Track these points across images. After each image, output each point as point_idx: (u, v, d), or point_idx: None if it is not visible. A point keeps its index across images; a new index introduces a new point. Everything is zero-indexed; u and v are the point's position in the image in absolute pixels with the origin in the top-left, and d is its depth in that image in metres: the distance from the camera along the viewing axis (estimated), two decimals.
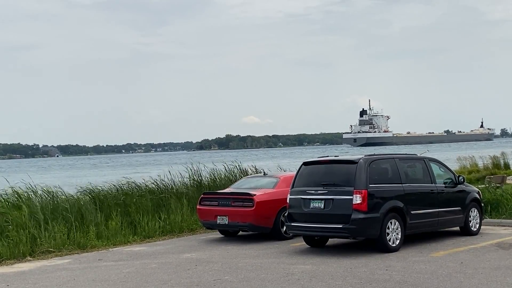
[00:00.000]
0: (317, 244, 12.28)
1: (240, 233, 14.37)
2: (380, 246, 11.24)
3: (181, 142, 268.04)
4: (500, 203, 15.46)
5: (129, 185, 16.68)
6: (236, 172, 18.82)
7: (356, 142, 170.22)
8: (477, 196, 13.52)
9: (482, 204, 13.85)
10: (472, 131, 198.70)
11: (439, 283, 8.52)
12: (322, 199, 11.39)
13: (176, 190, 17.17)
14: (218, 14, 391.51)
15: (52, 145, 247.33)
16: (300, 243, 12.54)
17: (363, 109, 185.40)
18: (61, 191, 15.15)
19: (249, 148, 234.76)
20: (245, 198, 13.26)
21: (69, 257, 12.21)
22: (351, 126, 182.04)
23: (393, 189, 11.55)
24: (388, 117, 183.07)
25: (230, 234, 14.40)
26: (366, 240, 11.95)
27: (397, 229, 11.39)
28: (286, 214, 12.36)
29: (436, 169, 12.93)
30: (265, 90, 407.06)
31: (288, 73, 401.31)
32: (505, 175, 23.09)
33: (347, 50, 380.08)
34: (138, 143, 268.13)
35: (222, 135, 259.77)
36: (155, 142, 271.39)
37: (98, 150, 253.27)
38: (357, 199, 10.98)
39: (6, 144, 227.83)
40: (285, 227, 12.89)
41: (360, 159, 11.49)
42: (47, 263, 11.65)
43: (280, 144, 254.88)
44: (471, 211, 13.16)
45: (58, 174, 69.36)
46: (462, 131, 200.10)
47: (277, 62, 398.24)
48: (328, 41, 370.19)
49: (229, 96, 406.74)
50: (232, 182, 17.09)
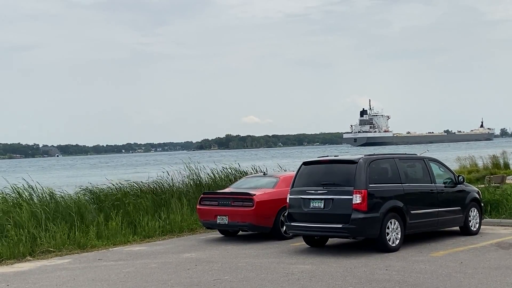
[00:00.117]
0: (317, 244, 12.28)
1: (240, 233, 14.37)
2: (380, 246, 11.24)
3: (181, 142, 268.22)
4: (500, 203, 15.47)
5: (129, 185, 16.71)
6: (232, 174, 18.67)
7: (356, 142, 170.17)
8: (477, 196, 13.52)
9: (482, 204, 13.86)
10: (472, 131, 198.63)
11: (439, 283, 8.52)
12: (322, 199, 11.39)
13: (176, 189, 17.18)
14: (218, 14, 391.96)
15: (52, 145, 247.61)
16: (300, 243, 12.54)
17: (363, 109, 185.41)
18: (61, 191, 15.17)
19: (249, 148, 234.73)
20: (245, 198, 13.26)
21: (69, 257, 12.21)
22: (352, 126, 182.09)
23: (393, 189, 11.55)
24: (388, 117, 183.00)
25: (230, 234, 14.40)
26: (366, 240, 11.96)
27: (397, 229, 11.40)
28: (286, 214, 12.36)
29: (436, 169, 12.93)
30: (265, 90, 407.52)
31: (288, 73, 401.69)
32: (504, 174, 23.10)
33: (347, 50, 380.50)
34: (138, 143, 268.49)
35: (222, 135, 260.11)
36: (155, 142, 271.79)
37: (98, 150, 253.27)
38: (357, 199, 10.98)
39: (6, 144, 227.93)
40: (285, 227, 12.89)
41: (360, 159, 11.49)
42: (47, 263, 11.65)
43: (280, 144, 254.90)
44: (471, 210, 13.16)
45: (58, 174, 69.40)
46: (462, 131, 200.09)
47: (277, 62, 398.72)
48: (328, 41, 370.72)
49: (229, 96, 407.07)
50: (231, 182, 17.10)
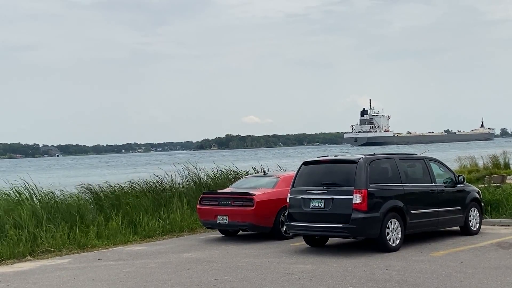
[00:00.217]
0: (317, 244, 12.28)
1: (240, 232, 14.37)
2: (380, 245, 11.23)
3: (181, 142, 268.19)
4: (500, 203, 15.46)
5: (129, 184, 16.71)
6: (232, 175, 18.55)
7: (357, 142, 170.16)
8: (477, 195, 13.51)
9: (482, 204, 13.85)
10: (472, 130, 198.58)
11: (439, 283, 8.52)
12: (322, 199, 11.39)
13: (176, 189, 17.18)
14: (218, 14, 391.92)
15: (52, 145, 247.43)
16: (300, 242, 12.54)
17: (364, 108, 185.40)
18: (61, 191, 15.16)
19: (249, 147, 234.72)
20: (245, 197, 13.26)
21: (69, 257, 12.21)
22: (352, 125, 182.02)
23: (393, 188, 11.55)
24: (388, 117, 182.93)
25: (230, 234, 14.39)
26: (366, 240, 11.96)
27: (397, 228, 11.39)
28: (286, 214, 12.35)
29: (436, 168, 12.92)
30: (265, 90, 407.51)
31: (288, 73, 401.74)
32: (505, 174, 23.10)
33: (347, 50, 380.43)
34: (138, 143, 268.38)
35: (222, 135, 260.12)
36: (155, 142, 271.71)
37: (98, 149, 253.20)
38: (357, 198, 10.98)
39: (6, 144, 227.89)
40: (285, 227, 12.89)
41: (360, 158, 11.49)
42: (47, 262, 11.65)
43: (280, 143, 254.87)
44: (471, 210, 13.16)
45: (57, 173, 69.31)
46: (462, 131, 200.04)
47: (277, 62, 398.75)
48: (328, 41, 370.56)
49: (229, 96, 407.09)
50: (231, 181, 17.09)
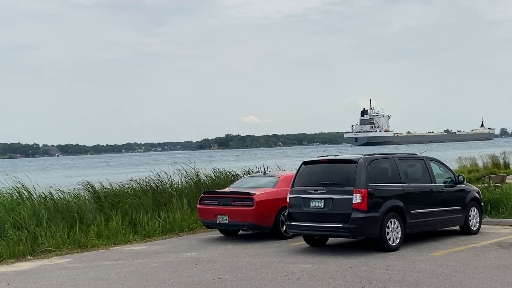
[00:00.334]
0: (317, 243, 12.28)
1: (240, 232, 14.37)
2: (380, 245, 11.24)
3: (181, 142, 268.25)
4: (500, 203, 15.47)
5: (129, 184, 16.71)
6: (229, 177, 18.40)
7: (357, 142, 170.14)
8: (477, 195, 13.51)
9: (482, 204, 13.85)
10: (472, 130, 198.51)
11: (439, 282, 8.52)
12: (322, 199, 11.39)
13: (176, 189, 17.18)
14: (218, 15, 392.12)
15: (52, 145, 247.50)
16: (300, 242, 12.54)
17: (364, 108, 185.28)
18: (61, 191, 15.16)
19: (249, 147, 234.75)
20: (245, 197, 13.26)
21: (69, 256, 12.21)
22: (352, 125, 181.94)
23: (393, 188, 11.55)
24: (389, 117, 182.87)
25: (230, 233, 14.40)
26: (366, 240, 11.96)
27: (397, 228, 11.39)
28: (286, 214, 12.36)
29: (435, 168, 12.92)
30: (265, 90, 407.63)
31: (288, 73, 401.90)
32: (504, 174, 23.12)
33: (347, 50, 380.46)
34: (138, 143, 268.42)
35: (222, 135, 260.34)
36: (155, 142, 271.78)
37: (98, 149, 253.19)
38: (357, 198, 10.98)
39: (6, 143, 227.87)
40: (285, 226, 12.90)
41: (360, 158, 11.49)
42: (47, 262, 11.65)
43: (280, 143, 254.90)
44: (471, 210, 13.16)
45: (57, 173, 69.33)
46: (462, 131, 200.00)
47: (277, 62, 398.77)
48: (327, 41, 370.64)
49: (229, 96, 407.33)
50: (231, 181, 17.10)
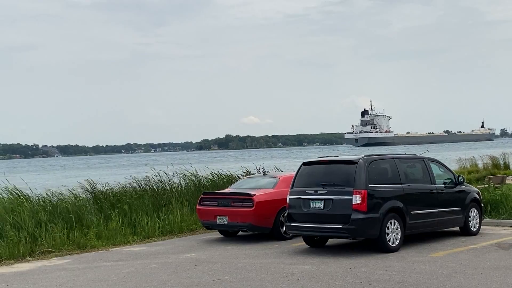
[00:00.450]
0: (317, 244, 12.27)
1: (240, 233, 14.36)
2: (379, 246, 11.23)
3: (181, 142, 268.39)
4: (500, 203, 15.46)
5: (129, 185, 16.70)
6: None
7: (357, 142, 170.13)
8: (477, 196, 13.50)
9: (482, 204, 13.84)
10: (472, 131, 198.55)
11: (439, 283, 8.51)
12: (321, 199, 11.38)
13: (175, 190, 17.17)
14: (218, 15, 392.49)
15: (52, 145, 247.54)
16: (300, 243, 12.53)
17: (364, 109, 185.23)
18: (60, 191, 15.15)
19: (249, 148, 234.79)
20: (244, 198, 13.24)
21: (69, 257, 12.20)
22: (353, 126, 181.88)
23: (392, 189, 11.54)
24: (389, 117, 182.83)
25: (230, 234, 14.39)
26: (365, 240, 11.95)
27: (396, 229, 11.38)
28: (285, 214, 12.35)
29: (435, 169, 12.92)
30: (265, 90, 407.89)
31: (288, 73, 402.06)
32: (504, 175, 23.10)
33: (346, 50, 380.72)
34: (138, 143, 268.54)
35: (222, 135, 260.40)
36: (155, 142, 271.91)
37: (97, 150, 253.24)
38: (356, 199, 10.97)
39: (6, 144, 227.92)
40: (284, 227, 12.88)
41: (359, 159, 11.48)
42: (47, 263, 11.64)
43: (280, 144, 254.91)
44: (471, 211, 13.15)
45: (57, 174, 69.31)
46: (462, 131, 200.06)
47: (277, 62, 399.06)
48: (327, 42, 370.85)
49: (229, 96, 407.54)
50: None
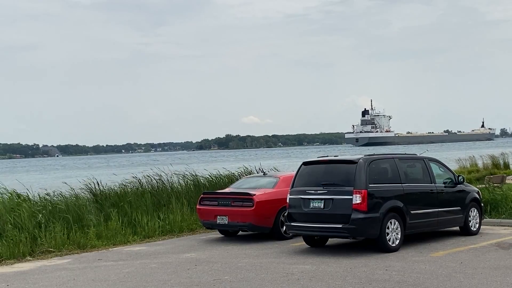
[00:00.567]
0: (317, 244, 12.27)
1: (240, 233, 14.36)
2: (379, 246, 11.23)
3: (181, 142, 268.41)
4: (500, 203, 15.45)
5: (129, 184, 16.70)
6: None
7: (358, 142, 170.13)
8: (477, 196, 13.50)
9: (482, 204, 13.83)
10: (473, 131, 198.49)
11: (439, 283, 8.52)
12: (322, 199, 11.38)
13: (175, 189, 17.17)
14: (218, 14, 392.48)
15: (52, 145, 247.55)
16: (300, 243, 12.54)
17: (365, 109, 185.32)
18: (60, 191, 15.16)
19: (249, 148, 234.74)
20: (244, 198, 13.25)
21: (69, 257, 12.21)
22: (353, 126, 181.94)
23: (392, 189, 11.54)
24: (390, 117, 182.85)
25: (230, 234, 14.39)
26: (365, 240, 11.96)
27: (396, 229, 11.39)
28: (286, 214, 12.35)
29: (435, 169, 12.92)
30: (265, 90, 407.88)
31: (288, 73, 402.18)
32: (504, 174, 23.10)
33: (346, 50, 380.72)
34: (138, 143, 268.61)
35: (222, 135, 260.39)
36: (155, 142, 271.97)
37: (97, 150, 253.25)
38: (356, 199, 10.97)
39: (6, 144, 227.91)
40: (285, 227, 12.89)
41: (359, 159, 11.48)
42: (47, 263, 11.64)
43: (280, 144, 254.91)
44: (471, 211, 13.15)
45: (56, 174, 69.27)
46: (462, 131, 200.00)
47: (277, 62, 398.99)
48: (327, 41, 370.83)
49: (229, 96, 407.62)
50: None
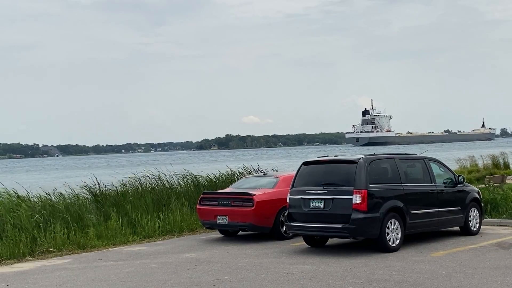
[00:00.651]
0: (317, 244, 12.27)
1: (240, 233, 14.36)
2: (380, 246, 11.23)
3: (181, 142, 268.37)
4: (500, 203, 15.45)
5: (129, 184, 16.70)
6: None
7: (358, 142, 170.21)
8: (477, 196, 13.50)
9: (482, 204, 13.83)
10: (473, 130, 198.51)
11: (439, 283, 8.51)
12: (322, 199, 11.38)
13: (175, 189, 17.16)
14: (218, 14, 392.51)
15: (52, 145, 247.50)
16: (300, 243, 12.53)
17: (365, 108, 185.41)
18: (60, 191, 15.16)
19: (249, 148, 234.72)
20: (245, 198, 13.25)
21: (69, 257, 12.21)
22: (354, 125, 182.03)
23: (393, 189, 11.54)
24: (390, 117, 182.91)
25: (230, 234, 14.39)
26: (366, 240, 11.95)
27: (397, 229, 11.38)
28: (286, 214, 12.35)
29: (436, 168, 12.91)
30: (265, 90, 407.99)
31: (288, 73, 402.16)
32: (504, 174, 23.10)
33: (346, 50, 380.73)
34: (138, 143, 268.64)
35: (222, 135, 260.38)
36: (155, 142, 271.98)
37: (97, 150, 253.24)
38: (357, 199, 10.97)
39: (6, 144, 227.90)
40: (285, 227, 12.88)
41: (360, 159, 11.47)
42: (47, 263, 11.64)
43: (280, 144, 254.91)
44: (471, 211, 13.14)
45: (56, 174, 69.28)
46: (462, 131, 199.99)
47: (277, 62, 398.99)
48: (327, 41, 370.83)
49: (229, 96, 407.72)
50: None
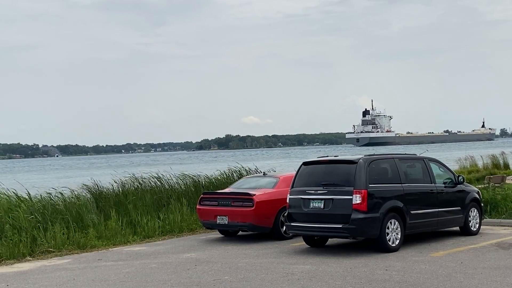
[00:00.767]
0: (317, 244, 12.27)
1: (240, 233, 14.36)
2: (380, 246, 11.23)
3: (181, 142, 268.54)
4: (500, 203, 15.45)
5: (129, 184, 16.70)
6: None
7: (359, 142, 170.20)
8: (477, 196, 13.50)
9: (482, 204, 13.83)
10: (473, 131, 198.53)
11: (439, 283, 8.52)
12: (322, 199, 11.38)
13: (175, 189, 17.16)
14: (218, 15, 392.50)
15: (52, 145, 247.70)
16: (300, 243, 12.53)
17: (365, 109, 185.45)
18: (60, 191, 15.16)
19: (249, 148, 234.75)
20: (244, 198, 13.25)
21: (69, 257, 12.21)
22: (354, 126, 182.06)
23: (392, 189, 11.54)
24: (390, 117, 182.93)
25: (230, 234, 14.39)
26: (365, 240, 11.96)
27: (396, 229, 11.39)
28: (286, 214, 12.35)
29: (435, 169, 12.92)
30: (265, 90, 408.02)
31: (288, 73, 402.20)
32: (504, 175, 23.09)
33: (346, 50, 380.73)
34: (138, 143, 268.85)
35: (222, 135, 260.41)
36: (155, 142, 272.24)
37: (97, 150, 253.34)
38: (356, 199, 10.97)
39: (6, 144, 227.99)
40: (285, 227, 12.89)
41: (359, 159, 11.48)
42: (47, 263, 11.65)
43: (280, 144, 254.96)
44: (471, 211, 13.15)
45: (57, 174, 69.30)
46: (462, 131, 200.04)
47: (277, 62, 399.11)
48: (327, 41, 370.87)
49: (229, 96, 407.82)
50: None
